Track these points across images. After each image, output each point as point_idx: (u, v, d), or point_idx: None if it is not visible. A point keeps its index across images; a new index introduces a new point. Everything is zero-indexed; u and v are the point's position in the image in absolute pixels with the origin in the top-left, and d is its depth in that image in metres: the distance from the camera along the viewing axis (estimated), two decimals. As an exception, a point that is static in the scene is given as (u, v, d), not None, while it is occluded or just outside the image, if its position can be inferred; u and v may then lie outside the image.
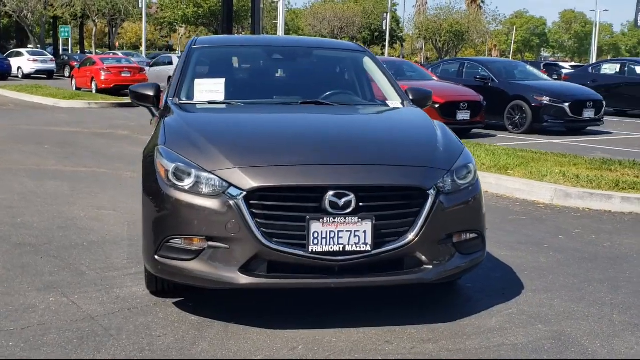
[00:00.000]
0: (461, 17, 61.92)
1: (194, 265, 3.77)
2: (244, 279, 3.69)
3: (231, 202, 3.68)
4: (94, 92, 25.50)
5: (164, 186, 3.88)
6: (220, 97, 4.97)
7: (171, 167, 3.87)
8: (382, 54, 69.58)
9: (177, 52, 51.67)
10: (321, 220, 3.65)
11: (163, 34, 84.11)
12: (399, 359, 3.49)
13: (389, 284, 3.91)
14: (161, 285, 4.25)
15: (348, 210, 3.66)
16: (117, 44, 67.33)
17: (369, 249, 3.70)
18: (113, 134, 13.48)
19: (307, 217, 3.64)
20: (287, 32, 70.05)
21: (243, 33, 58.17)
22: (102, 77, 25.83)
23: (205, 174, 3.79)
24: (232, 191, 3.70)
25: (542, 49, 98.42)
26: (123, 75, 26.12)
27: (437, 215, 3.80)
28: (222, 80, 5.06)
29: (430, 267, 3.84)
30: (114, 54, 40.84)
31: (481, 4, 76.24)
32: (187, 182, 3.82)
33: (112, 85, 25.59)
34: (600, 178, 7.73)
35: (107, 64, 26.74)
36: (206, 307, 4.14)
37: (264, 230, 3.65)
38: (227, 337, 3.72)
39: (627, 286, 4.69)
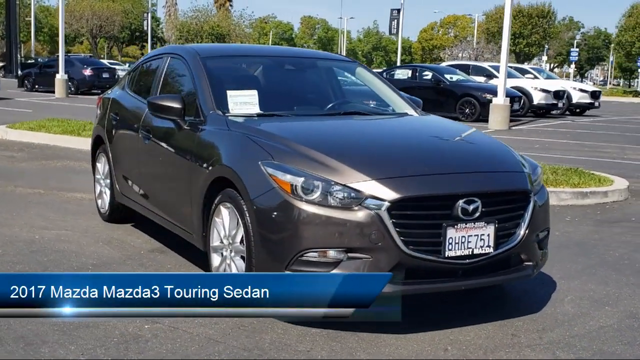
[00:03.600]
0: (220, 20, 62.66)
1: None
2: (387, 287, 3.77)
3: (373, 213, 3.78)
4: None
5: (292, 200, 3.86)
6: (255, 108, 4.92)
7: (300, 181, 3.87)
8: (142, 54, 68.05)
9: None
10: (455, 226, 3.89)
11: None
12: (542, 348, 3.85)
13: (503, 282, 4.30)
14: None
15: (476, 216, 3.94)
16: None
17: (492, 251, 4.01)
18: None
19: (444, 224, 3.87)
20: (40, 29, 65.66)
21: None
22: None
23: (336, 187, 3.84)
24: (371, 202, 3.80)
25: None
26: None
27: (534, 215, 4.22)
28: (255, 92, 5.01)
29: (530, 263, 4.25)
30: None
31: (230, 7, 77.62)
32: (315, 196, 3.85)
33: None
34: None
35: None
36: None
37: (403, 238, 3.81)
38: (372, 345, 3.80)
39: (625, 268, 5.46)
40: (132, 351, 3.67)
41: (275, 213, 3.92)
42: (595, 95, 25.80)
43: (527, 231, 4.15)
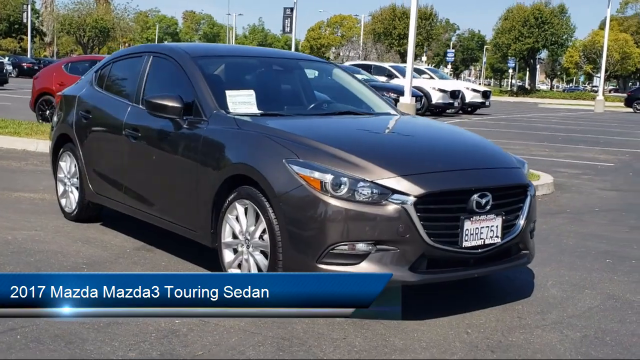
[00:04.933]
0: (103, 13, 61.14)
1: (363, 268, 4.03)
2: (413, 277, 4.09)
3: (400, 207, 4.03)
4: None
5: (322, 196, 4.05)
6: (254, 108, 5.06)
7: (328, 178, 4.06)
8: (20, 47, 65.11)
9: None
10: (471, 218, 4.21)
11: None
12: (550, 328, 4.23)
13: (505, 270, 4.65)
14: None
15: (487, 209, 4.27)
16: None
17: (499, 241, 4.36)
18: None
19: (461, 217, 4.18)
20: None
21: None
22: None
23: (364, 183, 4.07)
24: (398, 197, 4.05)
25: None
26: None
27: (530, 207, 4.61)
28: (252, 92, 5.14)
29: (526, 252, 4.64)
30: None
31: (110, 0, 75.71)
32: (344, 192, 4.06)
33: None
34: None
35: None
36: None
37: (427, 230, 4.09)
38: (400, 331, 4.04)
39: (584, 256, 5.98)
40: (176, 345, 3.75)
41: (304, 209, 4.09)
42: (486, 95, 27.17)
43: (525, 222, 4.53)
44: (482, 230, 4.26)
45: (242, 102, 5.06)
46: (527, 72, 73.23)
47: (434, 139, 4.99)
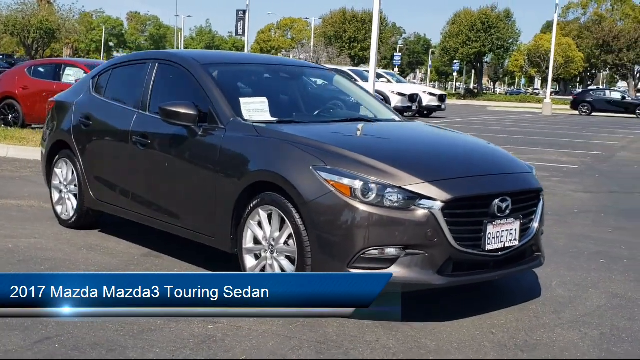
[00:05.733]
0: (48, 14, 59.94)
1: (392, 272, 4.13)
2: (440, 280, 4.22)
3: (428, 213, 4.16)
4: None
5: (352, 202, 4.15)
6: (267, 115, 5.12)
7: (358, 184, 4.16)
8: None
9: None
10: (493, 223, 4.36)
11: None
12: (568, 327, 4.41)
13: (522, 271, 4.81)
14: None
15: (507, 213, 4.43)
16: None
17: (517, 244, 4.53)
18: None
19: (485, 221, 4.33)
20: None
21: None
22: None
23: (392, 189, 4.18)
24: (425, 202, 4.17)
25: (120, 49, 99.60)
26: None
27: (542, 211, 4.80)
28: (265, 99, 5.20)
29: (539, 254, 4.82)
30: None
31: (52, 1, 74.26)
32: (373, 197, 4.17)
33: None
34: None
35: None
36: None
37: (454, 235, 4.22)
38: (430, 333, 4.15)
39: (578, 256, 6.20)
40: (217, 350, 3.79)
41: (334, 215, 4.18)
42: (442, 98, 27.65)
43: (539, 225, 4.71)
44: (502, 234, 4.41)
45: (256, 109, 5.11)
46: (473, 76, 74.56)
47: (450, 145, 5.14)
